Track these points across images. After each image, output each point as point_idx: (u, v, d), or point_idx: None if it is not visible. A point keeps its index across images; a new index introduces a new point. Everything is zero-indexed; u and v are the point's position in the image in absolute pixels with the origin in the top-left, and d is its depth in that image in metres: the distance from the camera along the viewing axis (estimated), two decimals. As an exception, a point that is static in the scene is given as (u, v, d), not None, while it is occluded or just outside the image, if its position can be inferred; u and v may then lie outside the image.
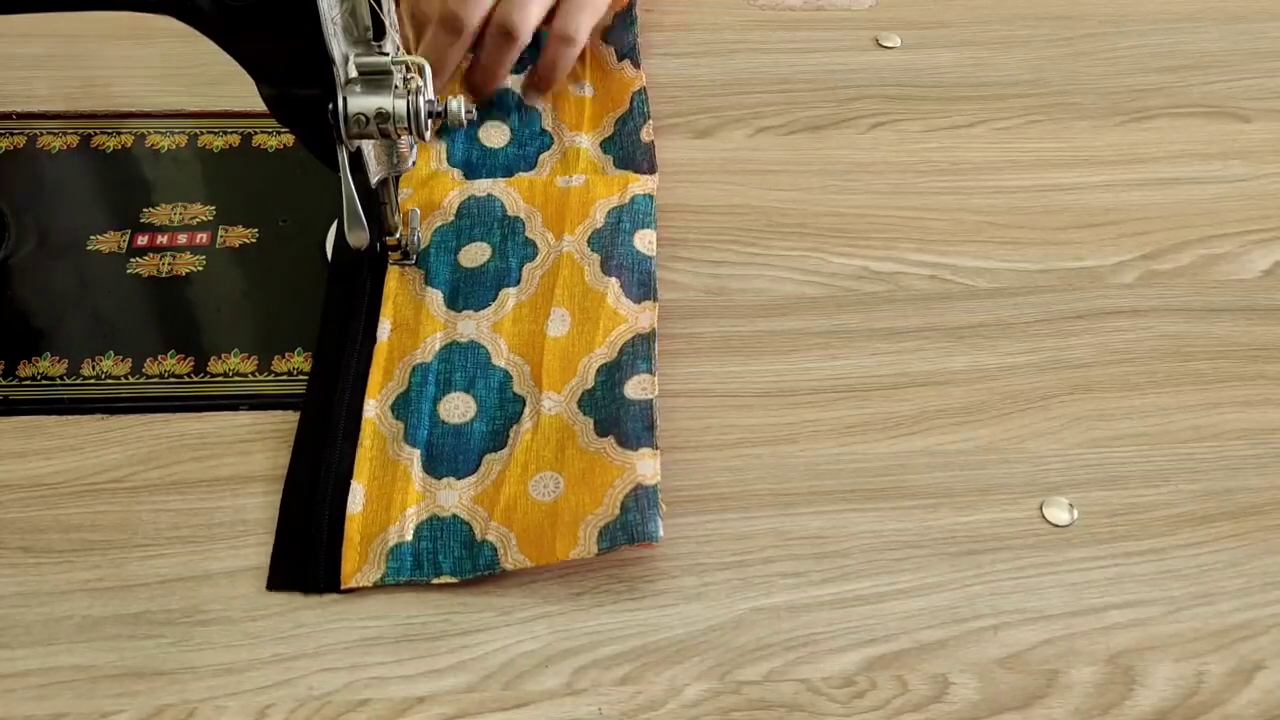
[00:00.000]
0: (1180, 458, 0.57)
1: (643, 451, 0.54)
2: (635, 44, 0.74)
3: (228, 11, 0.50)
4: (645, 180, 0.66)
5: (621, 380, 0.57)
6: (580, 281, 0.61)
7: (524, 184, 0.66)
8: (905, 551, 0.53)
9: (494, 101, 0.70)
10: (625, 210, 0.64)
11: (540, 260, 0.62)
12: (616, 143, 0.69)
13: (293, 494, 0.54)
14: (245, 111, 0.68)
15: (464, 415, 0.57)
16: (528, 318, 0.60)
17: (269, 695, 0.48)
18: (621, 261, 0.62)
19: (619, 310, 0.60)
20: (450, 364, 0.58)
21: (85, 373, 0.58)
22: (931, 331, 0.61)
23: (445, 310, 0.60)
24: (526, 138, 0.69)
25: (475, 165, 0.67)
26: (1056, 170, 0.70)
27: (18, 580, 0.51)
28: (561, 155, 0.68)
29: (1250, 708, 0.49)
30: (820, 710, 0.48)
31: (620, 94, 0.72)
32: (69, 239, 0.62)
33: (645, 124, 0.70)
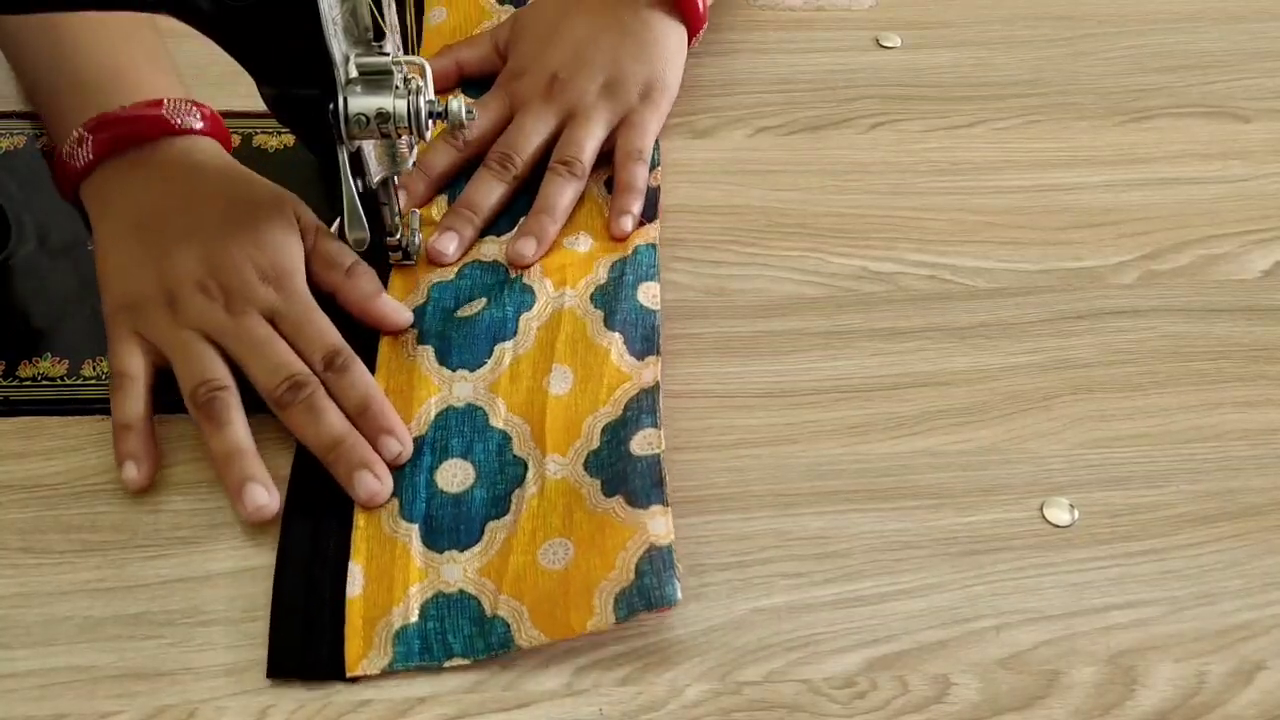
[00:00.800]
0: (1181, 458, 0.57)
1: (653, 509, 0.51)
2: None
3: (228, 11, 0.50)
4: (648, 229, 0.64)
5: (627, 437, 0.54)
6: (583, 337, 0.59)
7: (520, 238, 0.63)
8: (906, 552, 0.53)
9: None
10: (629, 263, 0.62)
11: (537, 311, 0.60)
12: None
13: (286, 576, 0.51)
14: (245, 111, 0.68)
15: (463, 483, 0.54)
16: (527, 374, 0.58)
17: (269, 696, 0.48)
18: (625, 316, 0.59)
19: (622, 368, 0.57)
20: (446, 430, 0.56)
21: (85, 373, 0.57)
22: (932, 332, 0.61)
23: (438, 368, 0.57)
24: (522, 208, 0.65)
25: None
26: (1056, 170, 0.70)
27: (18, 580, 0.51)
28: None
29: (1251, 708, 0.49)
30: (821, 711, 0.48)
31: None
32: (69, 239, 0.62)
33: (654, 169, 0.67)
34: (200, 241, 0.57)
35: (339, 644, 0.49)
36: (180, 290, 0.55)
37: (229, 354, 0.55)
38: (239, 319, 0.55)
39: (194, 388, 0.54)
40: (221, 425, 0.53)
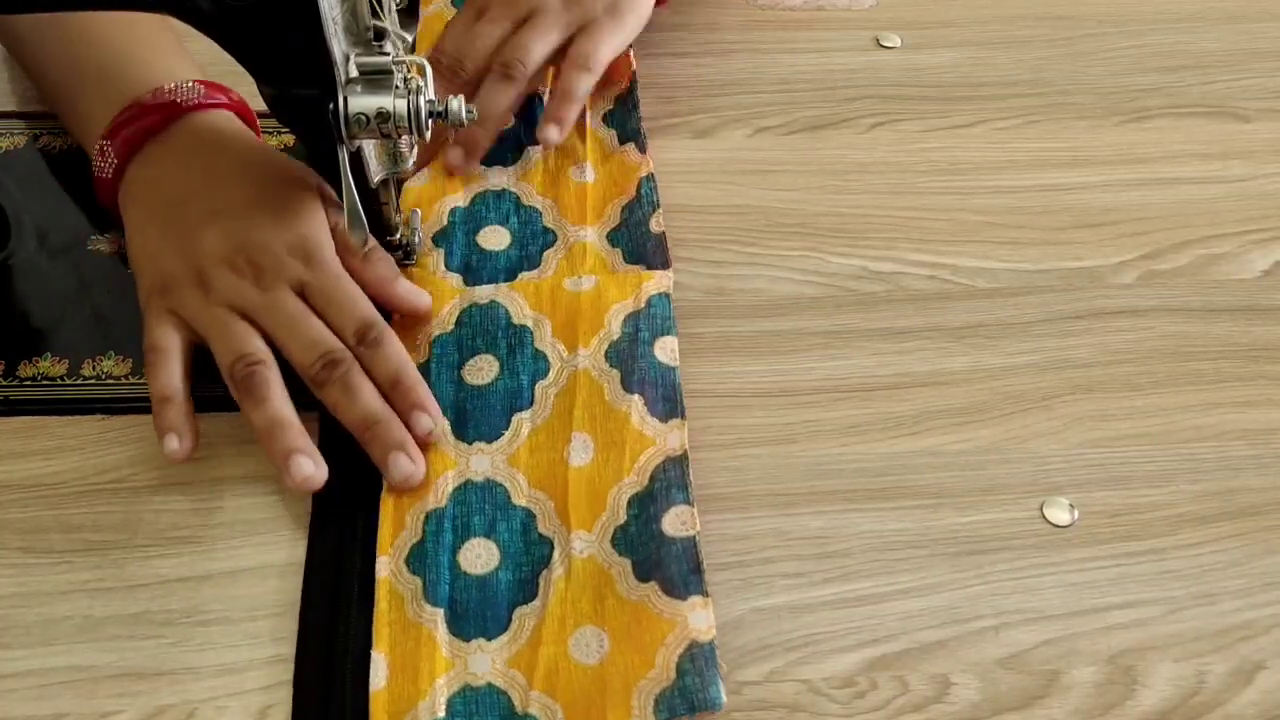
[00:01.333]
0: (1181, 458, 0.57)
1: (693, 601, 0.49)
2: (640, 127, 0.69)
3: (228, 11, 0.50)
4: (659, 277, 0.61)
5: (658, 514, 0.52)
6: (600, 401, 0.56)
7: (529, 288, 0.61)
8: (906, 552, 0.53)
9: (490, 204, 0.65)
10: (643, 316, 0.59)
11: (553, 377, 0.57)
12: (624, 233, 0.64)
13: (307, 667, 0.49)
14: (245, 111, 0.68)
15: (487, 564, 0.51)
16: (545, 446, 0.55)
17: (270, 695, 0.48)
18: (644, 375, 0.57)
19: (644, 431, 0.55)
20: (467, 507, 0.53)
21: (85, 373, 0.57)
22: (932, 331, 0.61)
23: (455, 442, 0.55)
24: (528, 237, 0.64)
25: (475, 269, 0.62)
26: (1056, 170, 0.70)
27: (18, 580, 0.51)
28: (567, 251, 0.63)
29: (1251, 708, 0.49)
30: (821, 711, 0.48)
31: (625, 180, 0.67)
32: (69, 239, 0.62)
33: (655, 213, 0.65)
34: (226, 220, 0.56)
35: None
36: (210, 269, 0.55)
37: (263, 330, 0.55)
38: (270, 294, 0.55)
39: (231, 363, 0.54)
40: (261, 400, 0.53)
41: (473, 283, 0.61)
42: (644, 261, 0.62)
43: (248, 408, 0.53)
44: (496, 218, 0.65)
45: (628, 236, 0.64)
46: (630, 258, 0.63)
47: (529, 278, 0.62)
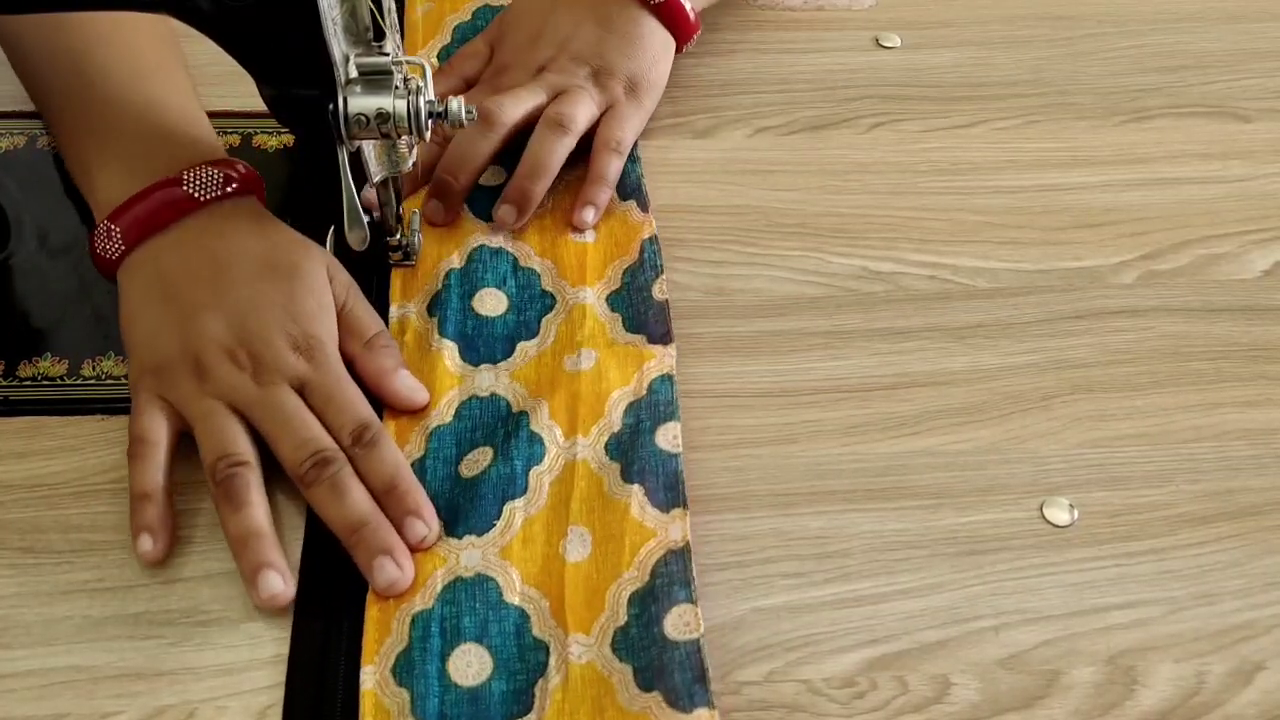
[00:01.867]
0: (1181, 458, 0.57)
1: (698, 714, 0.46)
2: (641, 183, 0.67)
3: (228, 11, 0.50)
4: (662, 356, 0.58)
5: (659, 614, 0.49)
6: (599, 493, 0.53)
7: (530, 373, 0.58)
8: (906, 552, 0.53)
9: (487, 263, 0.62)
10: (644, 405, 0.56)
11: (549, 464, 0.54)
12: (625, 298, 0.61)
13: None
14: (245, 111, 0.68)
15: (479, 674, 0.48)
16: (540, 538, 0.52)
17: (270, 695, 0.48)
18: (645, 465, 0.54)
19: (645, 523, 0.52)
20: (457, 607, 0.50)
21: (85, 373, 0.57)
22: (932, 331, 0.61)
23: (445, 539, 0.52)
24: (526, 301, 0.61)
25: (471, 337, 0.59)
26: (1056, 170, 0.70)
27: (18, 580, 0.51)
28: (566, 314, 0.60)
29: (1251, 708, 0.49)
30: (821, 711, 0.48)
31: (627, 240, 0.64)
32: (69, 239, 0.62)
33: (658, 279, 0.62)
34: (230, 307, 0.54)
35: None
36: (208, 357, 0.53)
37: (255, 426, 0.53)
38: (267, 390, 0.53)
39: (214, 461, 0.52)
40: (240, 506, 0.51)
41: (469, 354, 0.59)
42: (645, 331, 0.60)
43: (225, 512, 0.51)
44: (494, 279, 0.62)
45: (628, 302, 0.61)
46: (631, 325, 0.60)
47: (527, 348, 0.59)
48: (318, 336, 0.55)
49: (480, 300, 0.61)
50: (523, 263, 0.63)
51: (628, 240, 0.64)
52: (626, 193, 0.66)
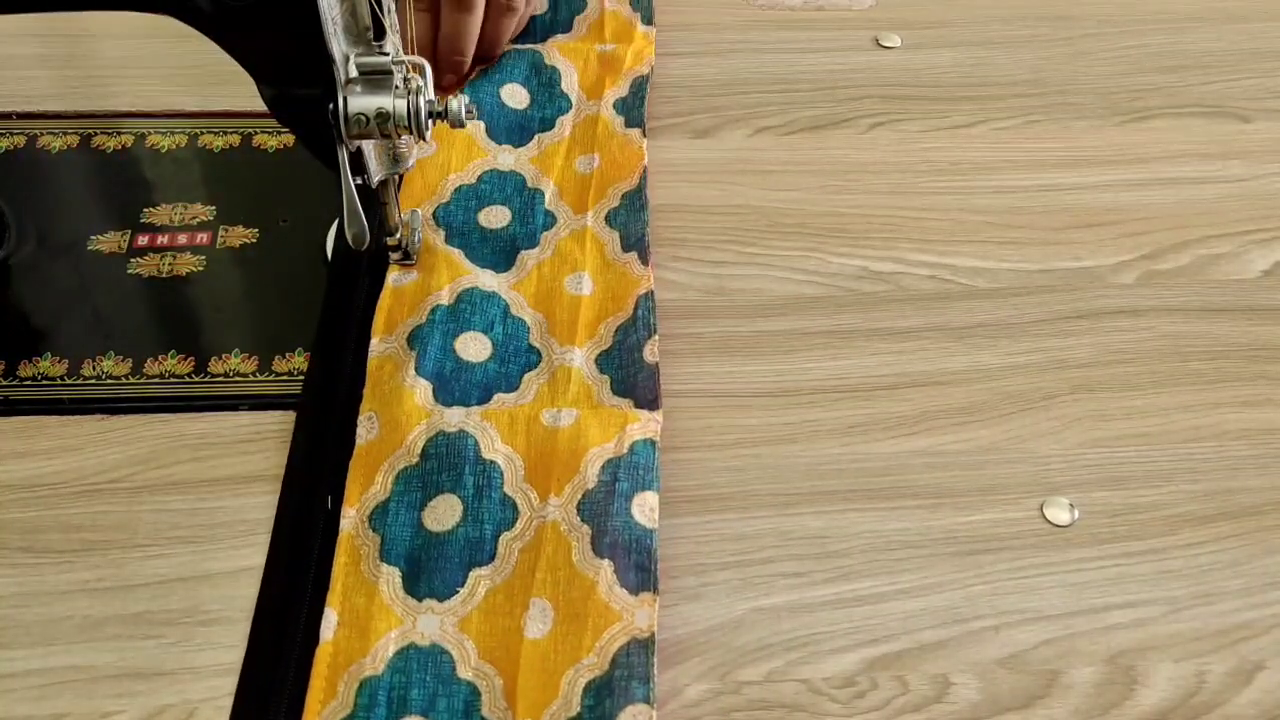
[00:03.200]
0: (1181, 458, 0.57)
1: None
2: (645, 232, 0.64)
3: (228, 11, 0.50)
4: (646, 420, 0.55)
5: (613, 710, 0.46)
6: (567, 563, 0.50)
7: (504, 417, 0.55)
8: (906, 551, 0.53)
9: (477, 305, 0.60)
10: (623, 464, 0.53)
11: (519, 530, 0.52)
12: (615, 359, 0.59)
13: None
14: (245, 111, 0.68)
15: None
16: (502, 608, 0.49)
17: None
18: (616, 538, 0.51)
19: (611, 604, 0.49)
20: (406, 676, 0.47)
21: (85, 373, 0.57)
22: (932, 331, 0.61)
23: (403, 596, 0.50)
24: (510, 354, 0.58)
25: (448, 379, 0.57)
26: (1056, 170, 0.70)
27: (18, 580, 0.51)
28: (550, 376, 0.58)
29: (1251, 708, 0.49)
30: (821, 710, 0.48)
31: (623, 295, 0.61)
32: (69, 239, 0.62)
33: (650, 340, 0.59)
34: None
35: None
36: None
37: None
38: None
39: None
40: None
41: (443, 395, 0.56)
42: (633, 396, 0.57)
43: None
44: (481, 323, 0.59)
45: (618, 363, 0.58)
46: (619, 388, 0.57)
47: (505, 400, 0.56)
48: None
49: (464, 344, 0.58)
50: (513, 311, 0.60)
51: (624, 295, 0.61)
52: (629, 244, 0.64)
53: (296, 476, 0.54)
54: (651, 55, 0.74)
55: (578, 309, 0.61)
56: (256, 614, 0.49)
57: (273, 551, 0.51)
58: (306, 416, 0.56)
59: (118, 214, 0.64)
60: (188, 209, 0.64)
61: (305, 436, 0.55)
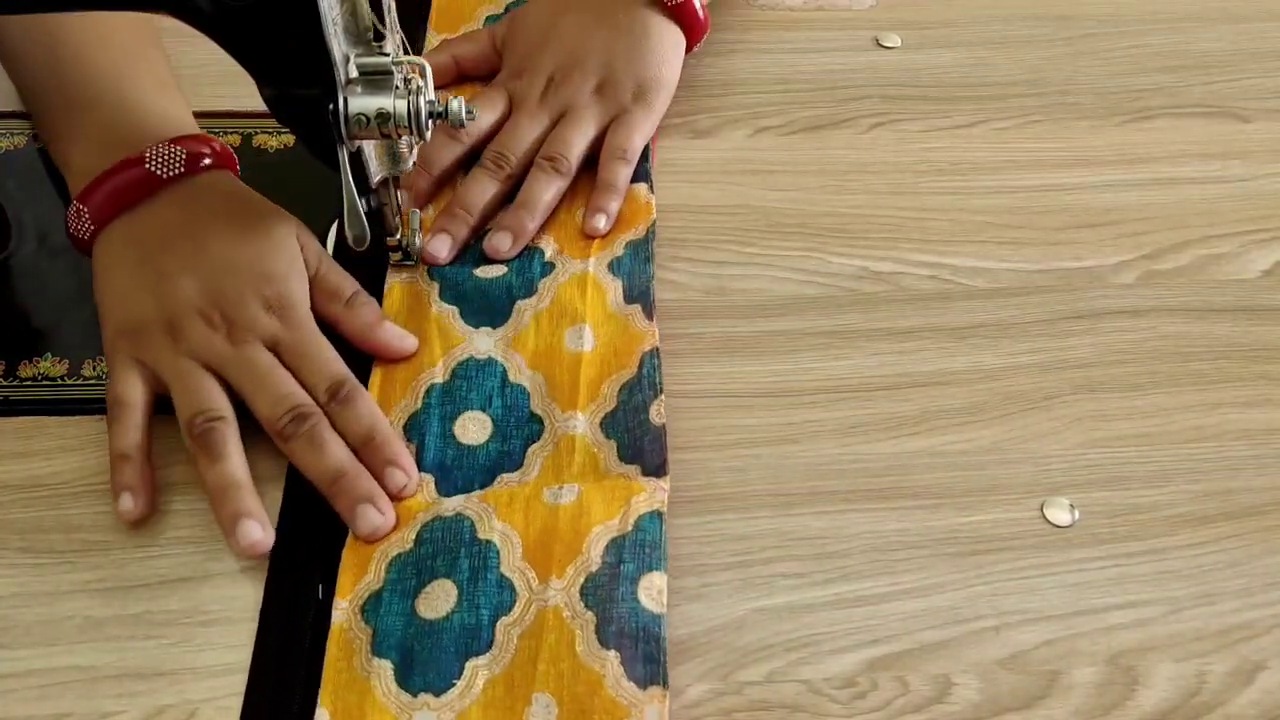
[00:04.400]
0: (1181, 458, 0.57)
1: None
2: (650, 286, 0.61)
3: (228, 11, 0.50)
4: (653, 490, 0.53)
5: None
6: (570, 654, 0.47)
7: (503, 497, 0.53)
8: (906, 552, 0.53)
9: (473, 379, 0.57)
10: (628, 543, 0.51)
11: (518, 614, 0.49)
12: (621, 421, 0.56)
13: None
14: (245, 111, 0.68)
15: None
16: (503, 703, 0.47)
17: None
18: (623, 626, 0.48)
19: (618, 698, 0.46)
20: None
21: (85, 373, 0.57)
22: (932, 331, 0.61)
23: (396, 691, 0.47)
24: (511, 426, 0.56)
25: (450, 468, 0.55)
26: (1056, 170, 0.70)
27: (19, 580, 0.51)
28: (554, 446, 0.55)
29: (1251, 708, 0.49)
30: (822, 711, 0.48)
31: (627, 350, 0.59)
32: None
33: (656, 399, 0.56)
34: (203, 269, 0.56)
35: None
36: (182, 318, 0.55)
37: (231, 384, 0.54)
38: (241, 348, 0.54)
39: (191, 418, 0.52)
40: (217, 458, 0.52)
41: (444, 486, 0.54)
42: (640, 461, 0.54)
43: (202, 465, 0.52)
44: (479, 399, 0.57)
45: (624, 425, 0.56)
46: (625, 453, 0.55)
47: (509, 480, 0.54)
48: (289, 296, 0.56)
49: (463, 426, 0.56)
50: (512, 377, 0.58)
51: (627, 350, 0.59)
52: (633, 295, 0.61)
53: (285, 563, 0.52)
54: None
55: (579, 367, 0.58)
56: (245, 709, 0.47)
57: (260, 642, 0.49)
58: (295, 491, 0.54)
59: (118, 214, 0.64)
60: (188, 209, 0.64)
61: (292, 519, 0.53)
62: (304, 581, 0.51)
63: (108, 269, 0.57)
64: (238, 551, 0.51)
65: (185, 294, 0.55)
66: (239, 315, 0.55)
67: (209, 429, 0.52)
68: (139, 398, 0.54)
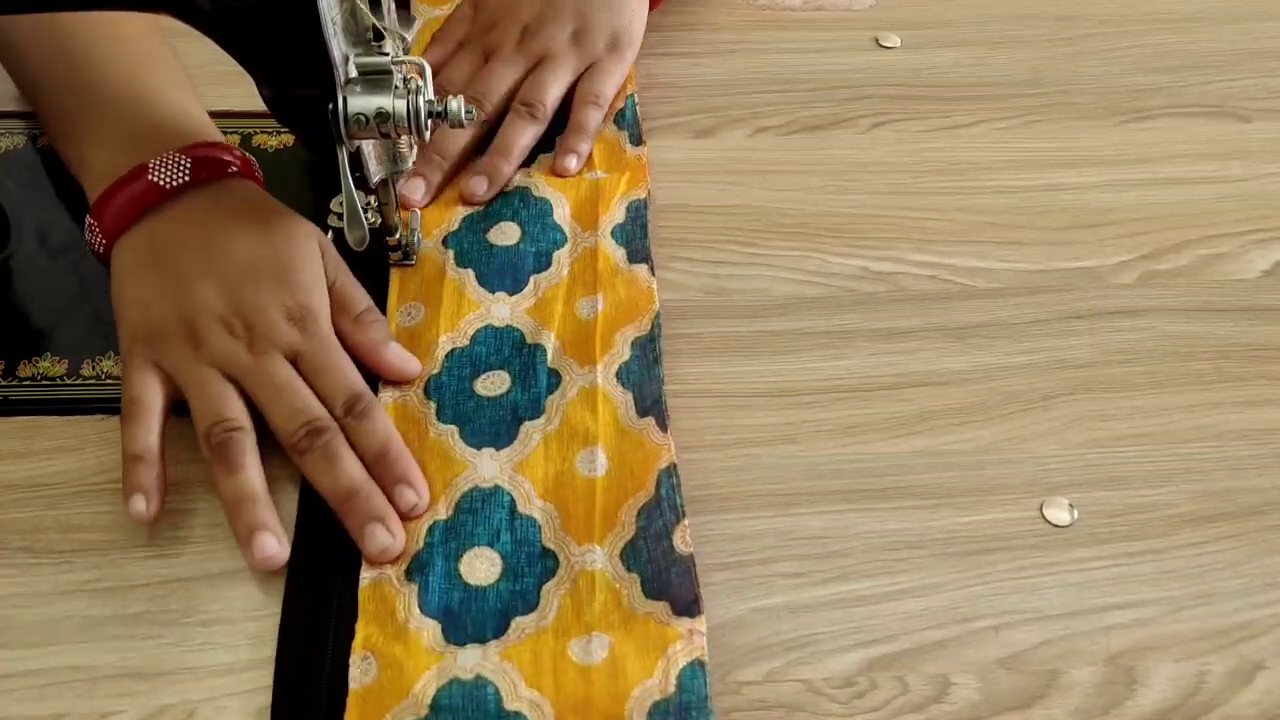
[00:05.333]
0: (1181, 458, 0.57)
1: None
2: (661, 392, 0.57)
3: (228, 11, 0.50)
4: (690, 635, 0.49)
5: None
6: None
7: (526, 655, 0.48)
8: (905, 552, 0.53)
9: (479, 514, 0.53)
10: (673, 706, 0.47)
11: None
12: (643, 551, 0.52)
13: None
14: (245, 111, 0.68)
15: None
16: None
17: (269, 695, 0.48)
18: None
19: None
20: None
21: (85, 373, 0.57)
22: (931, 331, 0.61)
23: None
24: (522, 564, 0.51)
25: (457, 614, 0.50)
26: (1056, 170, 0.70)
27: (18, 580, 0.51)
28: (571, 585, 0.50)
29: (1251, 708, 0.49)
30: (821, 711, 0.48)
31: (642, 468, 0.54)
32: (69, 239, 0.62)
33: (679, 524, 0.52)
34: (225, 276, 0.55)
35: None
36: (202, 324, 0.54)
37: (249, 394, 0.53)
38: (261, 359, 0.54)
39: (209, 427, 0.52)
40: (234, 469, 0.51)
41: (455, 634, 0.49)
42: (667, 597, 0.50)
43: (219, 475, 0.51)
44: (485, 534, 0.52)
45: (646, 555, 0.51)
46: (650, 588, 0.50)
47: (524, 624, 0.49)
48: (311, 308, 0.56)
49: (469, 565, 0.51)
50: (521, 508, 0.53)
51: (643, 470, 0.54)
52: (645, 406, 0.57)
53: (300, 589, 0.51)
54: (646, 180, 0.67)
55: (593, 495, 0.53)
56: None
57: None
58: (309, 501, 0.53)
59: (118, 214, 0.64)
60: (188, 209, 0.64)
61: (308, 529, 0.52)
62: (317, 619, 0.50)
63: (126, 273, 0.56)
64: (253, 565, 0.50)
65: (206, 299, 0.55)
66: (261, 324, 0.54)
67: (227, 439, 0.52)
68: (156, 400, 0.53)
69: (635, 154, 0.68)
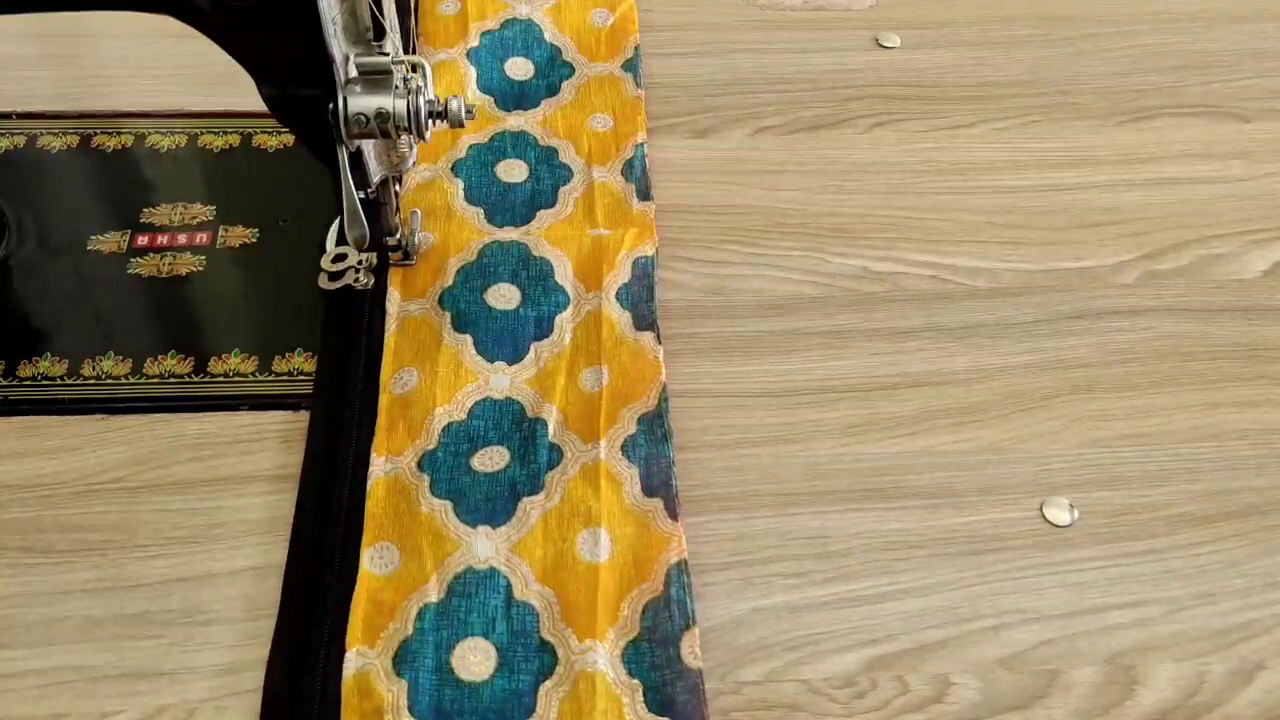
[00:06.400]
0: (1181, 458, 0.57)
1: None
2: (671, 472, 0.54)
3: (228, 11, 0.50)
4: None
5: None
6: None
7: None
8: (905, 552, 0.53)
9: (474, 597, 0.50)
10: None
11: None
12: (646, 656, 0.49)
13: None
14: (245, 111, 0.68)
15: None
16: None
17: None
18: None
19: None
20: None
21: (85, 373, 0.57)
22: (932, 331, 0.61)
23: None
24: (518, 658, 0.49)
25: (448, 713, 0.47)
26: (1056, 170, 0.70)
27: (18, 580, 0.51)
28: (571, 686, 0.48)
29: (1251, 708, 0.49)
30: (821, 710, 0.48)
31: (648, 560, 0.52)
32: (69, 239, 0.62)
33: (688, 631, 0.49)
34: None
35: None
36: None
37: None
38: None
39: None
40: None
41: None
42: (671, 713, 0.48)
43: None
44: (480, 623, 0.50)
45: (650, 662, 0.49)
46: (653, 702, 0.48)
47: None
48: None
49: (461, 658, 0.49)
50: (518, 594, 0.51)
51: (650, 560, 0.52)
52: (652, 487, 0.54)
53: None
54: (653, 235, 0.64)
55: (595, 582, 0.51)
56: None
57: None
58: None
59: (118, 214, 0.64)
60: (188, 209, 0.64)
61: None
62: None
63: None
64: None
65: None
66: None
67: None
68: None
69: (642, 209, 0.65)
